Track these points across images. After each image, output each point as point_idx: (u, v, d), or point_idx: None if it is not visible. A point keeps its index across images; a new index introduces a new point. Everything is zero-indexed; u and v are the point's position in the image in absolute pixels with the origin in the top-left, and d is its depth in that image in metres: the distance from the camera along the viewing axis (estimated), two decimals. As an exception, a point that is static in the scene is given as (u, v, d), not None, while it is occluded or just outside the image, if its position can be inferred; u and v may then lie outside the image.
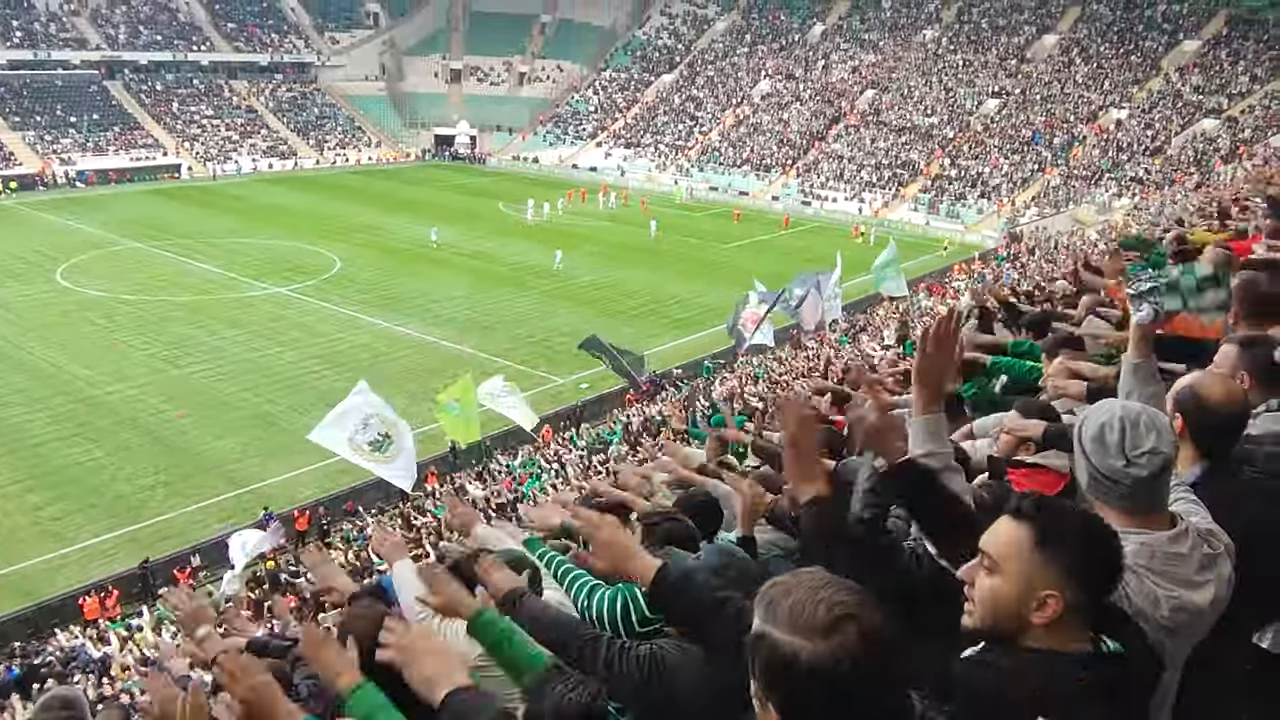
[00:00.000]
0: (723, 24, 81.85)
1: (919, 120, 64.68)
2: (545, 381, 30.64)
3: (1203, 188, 38.29)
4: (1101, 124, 58.80)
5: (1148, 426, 2.42)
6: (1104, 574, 2.01)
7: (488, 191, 62.42)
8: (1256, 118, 53.47)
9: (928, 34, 71.97)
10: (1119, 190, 51.87)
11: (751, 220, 55.78)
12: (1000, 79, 65.46)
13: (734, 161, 67.12)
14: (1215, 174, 44.97)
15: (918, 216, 56.57)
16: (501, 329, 35.88)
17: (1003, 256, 43.12)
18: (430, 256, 45.45)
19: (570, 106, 79.11)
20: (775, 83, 73.29)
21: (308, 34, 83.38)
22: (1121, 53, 63.41)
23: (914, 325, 16.86)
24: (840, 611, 1.56)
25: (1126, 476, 2.42)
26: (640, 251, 47.80)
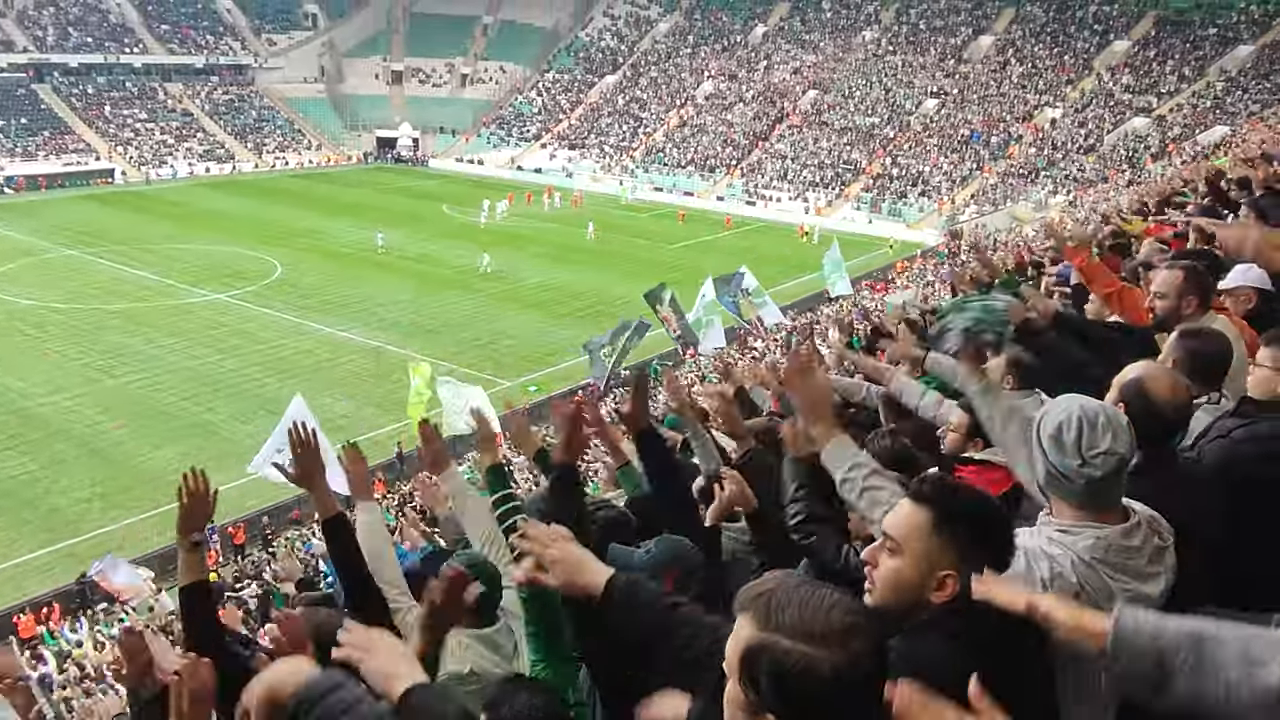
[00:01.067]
0: (665, 25, 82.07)
1: (860, 120, 65.46)
2: (492, 385, 30.40)
3: (1135, 184, 39.25)
4: (1037, 123, 60.02)
5: (1104, 427, 2.45)
6: (997, 554, 2.09)
7: (431, 194, 61.86)
8: (1184, 116, 54.97)
9: (867, 35, 72.87)
10: (1055, 188, 52.98)
11: (696, 221, 55.99)
12: (938, 79, 66.50)
13: (678, 162, 67.33)
14: (1146, 171, 46.13)
15: (860, 215, 57.26)
16: (447, 333, 35.58)
17: (943, 254, 43.80)
18: (374, 260, 44.91)
19: (514, 108, 78.75)
20: (718, 83, 73.68)
21: (244, 35, 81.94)
22: (1055, 53, 64.79)
23: (859, 324, 17.06)
24: (853, 621, 1.55)
25: (1081, 476, 2.44)
26: (587, 253, 47.73)
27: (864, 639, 1.53)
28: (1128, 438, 2.45)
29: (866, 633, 1.54)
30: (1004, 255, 19.55)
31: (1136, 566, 2.41)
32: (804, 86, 70.21)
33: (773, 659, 1.54)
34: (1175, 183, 16.87)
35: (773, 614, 1.57)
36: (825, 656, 1.51)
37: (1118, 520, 2.47)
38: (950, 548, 2.07)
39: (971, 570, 2.06)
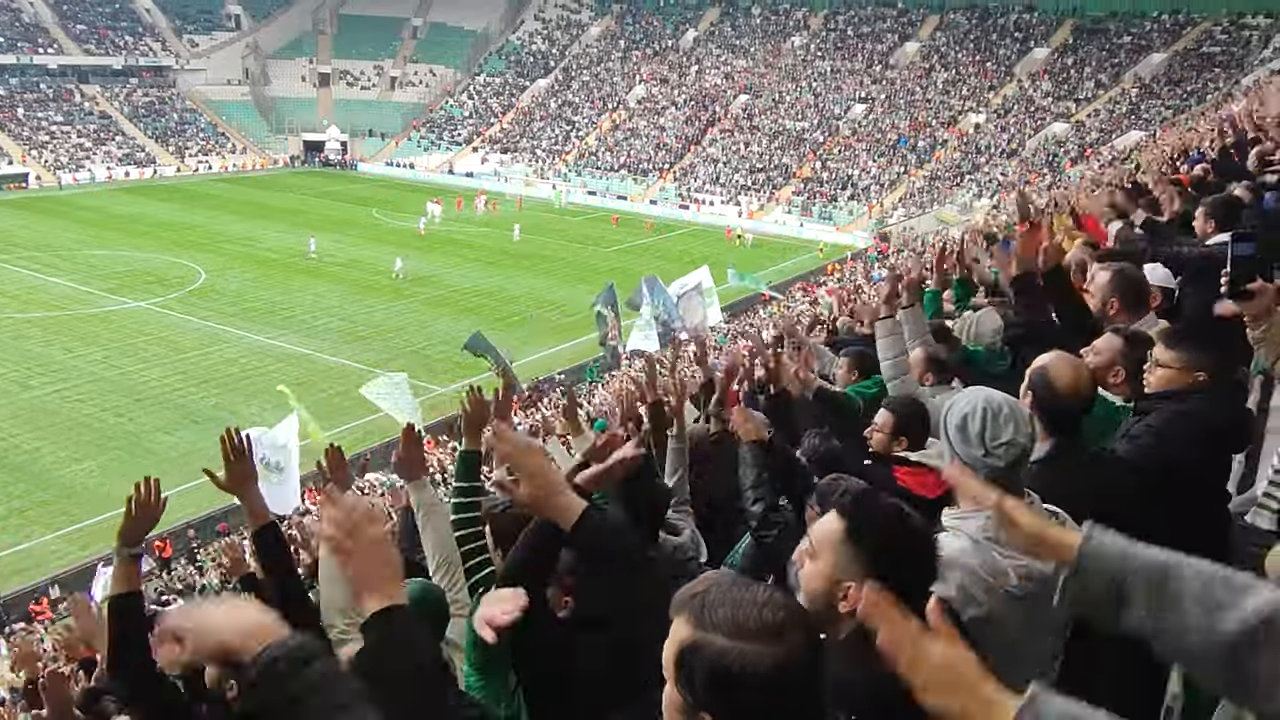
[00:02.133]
0: (596, 29, 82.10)
1: (790, 125, 66.21)
2: (425, 391, 30.06)
3: (1055, 187, 40.36)
4: (961, 128, 61.34)
5: (1007, 419, 2.54)
6: (904, 573, 2.06)
7: (361, 199, 60.91)
8: (1101, 121, 56.67)
9: (796, 41, 73.77)
10: (979, 191, 54.18)
11: (630, 224, 56.06)
12: (866, 85, 67.58)
13: (611, 166, 67.38)
14: (1065, 174, 47.47)
15: (791, 219, 57.90)
16: (379, 339, 35.10)
17: (874, 256, 44.53)
18: (302, 266, 44.09)
19: (444, 111, 78.03)
20: (650, 88, 73.93)
21: (165, 36, 79.86)
22: (978, 60, 66.30)
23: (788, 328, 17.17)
24: (785, 616, 1.54)
25: (985, 466, 2.53)
26: (520, 257, 47.48)
27: (798, 633, 1.53)
28: (1029, 429, 2.56)
29: (801, 627, 1.54)
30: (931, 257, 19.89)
31: None
32: (735, 91, 70.80)
33: (707, 658, 1.52)
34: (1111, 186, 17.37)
35: (706, 613, 1.55)
36: (760, 652, 1.50)
37: None
38: (858, 560, 2.08)
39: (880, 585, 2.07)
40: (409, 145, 74.79)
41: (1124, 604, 1.64)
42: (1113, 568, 1.66)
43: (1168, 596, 1.59)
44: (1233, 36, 58.81)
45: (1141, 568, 1.63)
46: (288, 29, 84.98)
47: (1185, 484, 3.48)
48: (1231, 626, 1.53)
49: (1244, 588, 1.57)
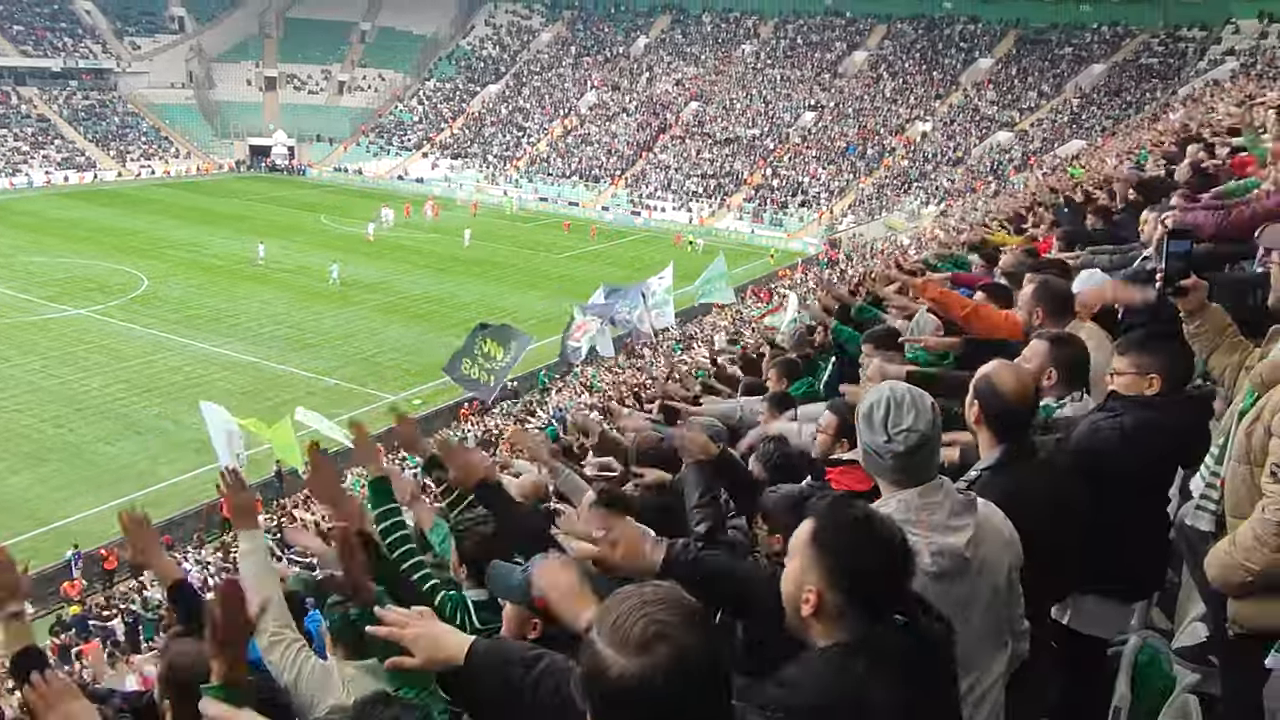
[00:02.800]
0: (547, 35, 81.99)
1: (741, 132, 66.65)
2: (374, 399, 29.72)
3: (1000, 195, 41.09)
4: (909, 136, 62.21)
5: (909, 407, 2.62)
6: (863, 581, 2.07)
7: (309, 204, 60.12)
8: (1044, 130, 57.84)
9: (746, 49, 74.32)
10: (926, 198, 54.98)
11: (581, 230, 56.00)
12: (815, 93, 68.28)
13: (563, 172, 67.30)
14: (1010, 182, 48.36)
15: (743, 225, 58.29)
16: (327, 347, 34.64)
17: (824, 262, 44.96)
18: (248, 273, 43.38)
19: (394, 116, 77.37)
20: (602, 94, 73.99)
21: (105, 38, 78.21)
22: (924, 69, 67.31)
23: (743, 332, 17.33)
24: (655, 630, 1.56)
25: (887, 452, 2.61)
26: (472, 263, 47.20)
27: (668, 648, 1.55)
28: (930, 417, 2.62)
29: (674, 642, 1.55)
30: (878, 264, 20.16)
31: (938, 520, 2.57)
32: (686, 98, 71.12)
33: (587, 659, 1.60)
34: (1035, 195, 17.71)
35: (601, 617, 1.63)
36: (620, 663, 1.55)
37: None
38: (818, 564, 2.09)
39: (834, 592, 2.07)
40: (357, 150, 74.03)
41: None
42: None
43: None
44: (1169, 48, 60.38)
45: None
46: (232, 32, 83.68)
47: (1134, 488, 3.55)
48: None
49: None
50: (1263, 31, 52.89)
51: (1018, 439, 3.20)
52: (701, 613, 1.66)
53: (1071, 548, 3.19)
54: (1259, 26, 53.60)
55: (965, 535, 2.57)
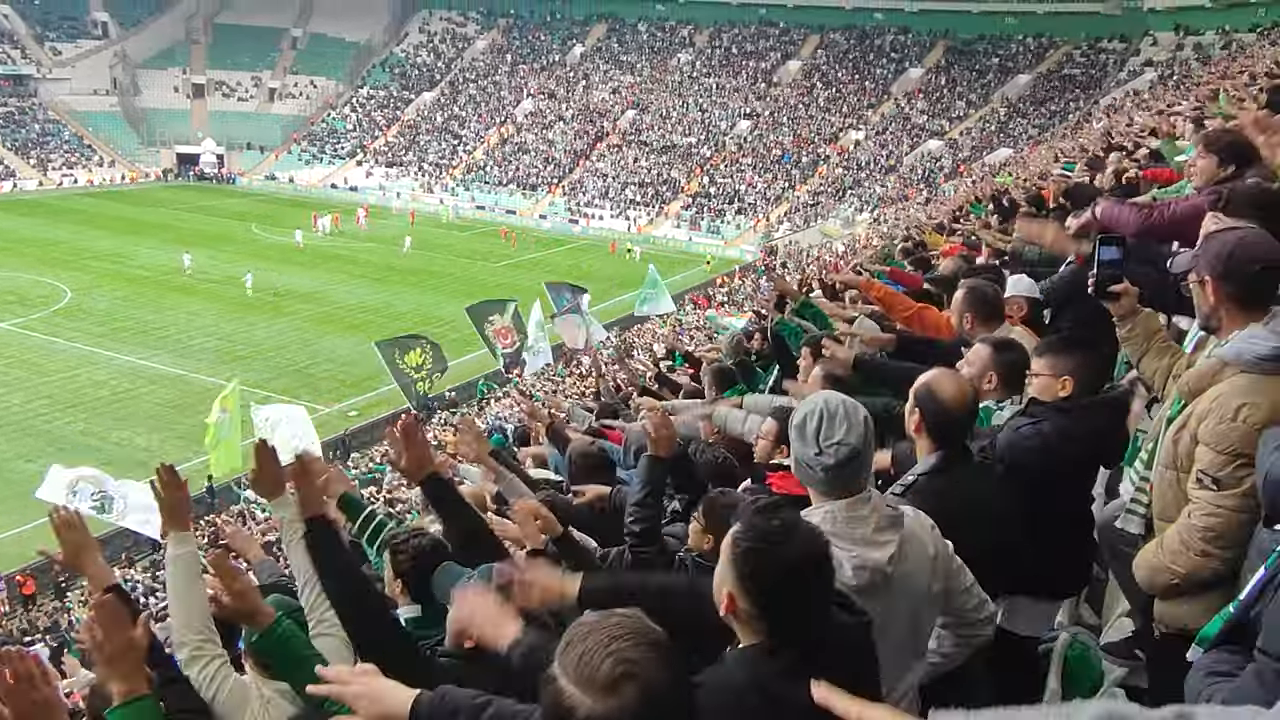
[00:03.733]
0: (483, 42, 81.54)
1: (678, 140, 66.99)
2: (311, 411, 29.14)
3: (931, 202, 41.86)
4: (842, 144, 63.10)
5: (841, 419, 2.63)
6: (773, 592, 2.08)
7: (239, 213, 58.90)
8: (973, 139, 59.12)
9: (682, 57, 74.74)
10: (860, 205, 55.80)
11: (517, 237, 55.67)
12: (751, 102, 68.91)
13: (500, 180, 66.96)
14: (941, 189, 49.30)
15: (680, 232, 58.56)
16: (259, 358, 33.96)
17: (761, 269, 45.33)
18: (176, 284, 42.36)
19: (326, 124, 76.27)
20: (538, 102, 73.79)
21: (25, 44, 75.83)
22: (856, 79, 68.35)
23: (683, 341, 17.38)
24: (624, 670, 1.54)
25: (818, 464, 2.62)
26: (408, 272, 46.71)
27: (636, 688, 1.53)
28: (861, 430, 2.64)
29: (641, 682, 1.54)
30: (815, 271, 20.38)
31: (862, 534, 2.59)
32: (623, 106, 71.27)
33: (551, 694, 1.58)
34: (968, 198, 18.08)
35: (565, 651, 1.59)
36: (587, 704, 1.53)
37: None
38: (731, 569, 2.11)
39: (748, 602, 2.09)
40: (289, 159, 72.79)
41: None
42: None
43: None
44: (1091, 60, 62.19)
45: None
46: (159, 38, 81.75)
47: (1058, 490, 3.62)
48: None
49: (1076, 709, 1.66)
50: (1179, 44, 54.73)
51: (955, 445, 3.25)
52: (667, 644, 1.65)
53: (1005, 550, 3.24)
54: (1175, 39, 55.47)
55: (888, 550, 2.59)
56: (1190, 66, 46.72)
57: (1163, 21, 57.98)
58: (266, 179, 70.46)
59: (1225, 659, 2.09)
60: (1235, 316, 2.99)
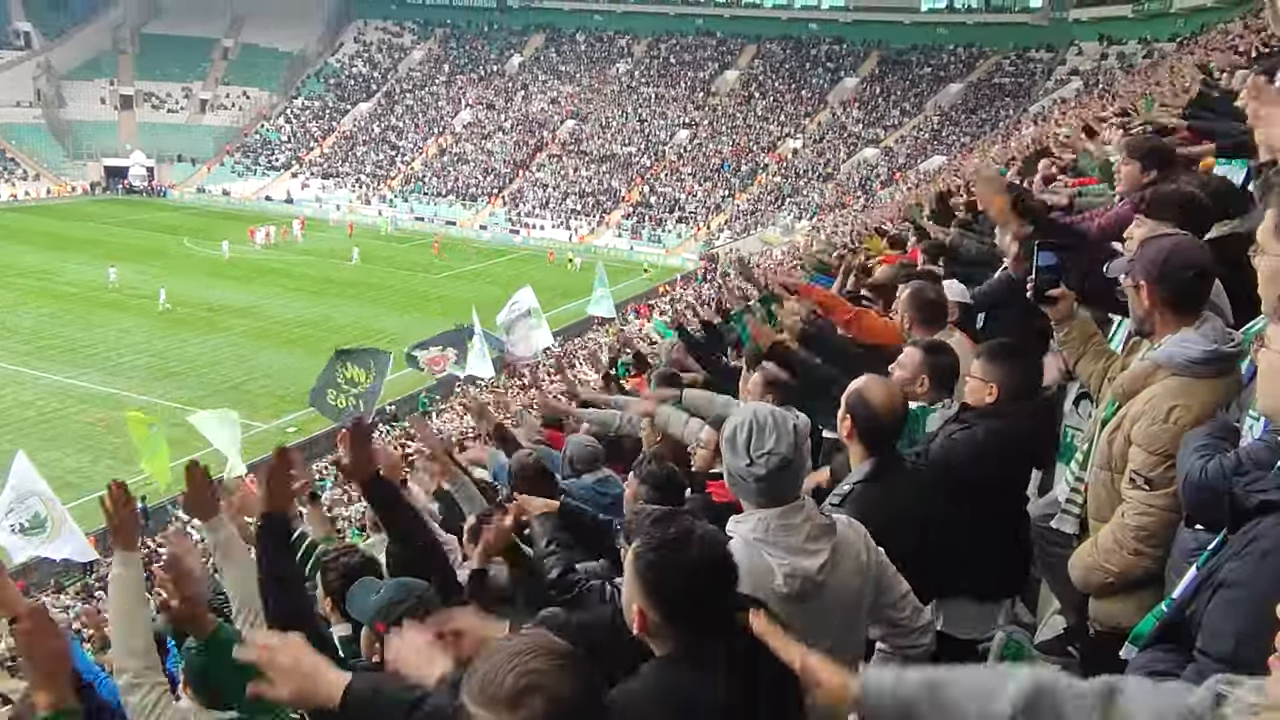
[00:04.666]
0: (419, 52, 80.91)
1: (618, 149, 67.11)
2: (247, 428, 28.52)
3: (868, 209, 42.50)
4: (780, 153, 63.75)
5: (771, 430, 2.65)
6: (678, 601, 2.11)
7: (171, 227, 57.54)
8: (908, 146, 60.12)
9: (621, 67, 74.95)
10: (799, 213, 56.38)
11: (456, 249, 55.27)
12: (690, 111, 69.32)
13: (439, 191, 66.43)
14: (877, 196, 50.06)
15: (622, 242, 58.64)
16: (194, 375, 33.19)
17: (701, 277, 45.55)
18: (106, 300, 41.24)
19: (260, 135, 75.01)
20: (477, 112, 73.41)
21: (-59, 53, 73.47)
22: (793, 88, 69.15)
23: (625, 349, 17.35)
24: (527, 682, 1.52)
25: (750, 475, 2.64)
26: (346, 285, 46.05)
27: (542, 700, 1.52)
28: (792, 439, 2.66)
29: (547, 693, 1.52)
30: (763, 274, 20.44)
31: (794, 543, 2.61)
32: (562, 116, 71.22)
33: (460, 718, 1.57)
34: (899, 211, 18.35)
35: (470, 675, 1.58)
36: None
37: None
38: (637, 583, 2.14)
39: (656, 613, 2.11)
40: (222, 171, 71.41)
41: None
42: (893, 700, 1.78)
43: (946, 703, 1.72)
44: (1020, 69, 63.68)
45: (915, 689, 1.76)
46: (84, 48, 79.68)
47: (992, 493, 3.68)
48: (1002, 707, 1.65)
49: (1005, 675, 1.73)
50: (1103, 53, 56.38)
51: (886, 451, 3.28)
52: (574, 656, 1.63)
53: (939, 554, 3.27)
54: (1100, 48, 57.13)
55: (820, 559, 2.61)
56: (1114, 75, 48.13)
57: (1087, 32, 59.70)
58: (198, 192, 69.04)
59: (1162, 658, 2.11)
60: (1169, 321, 3.05)
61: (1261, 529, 1.80)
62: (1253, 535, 1.82)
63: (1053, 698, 1.62)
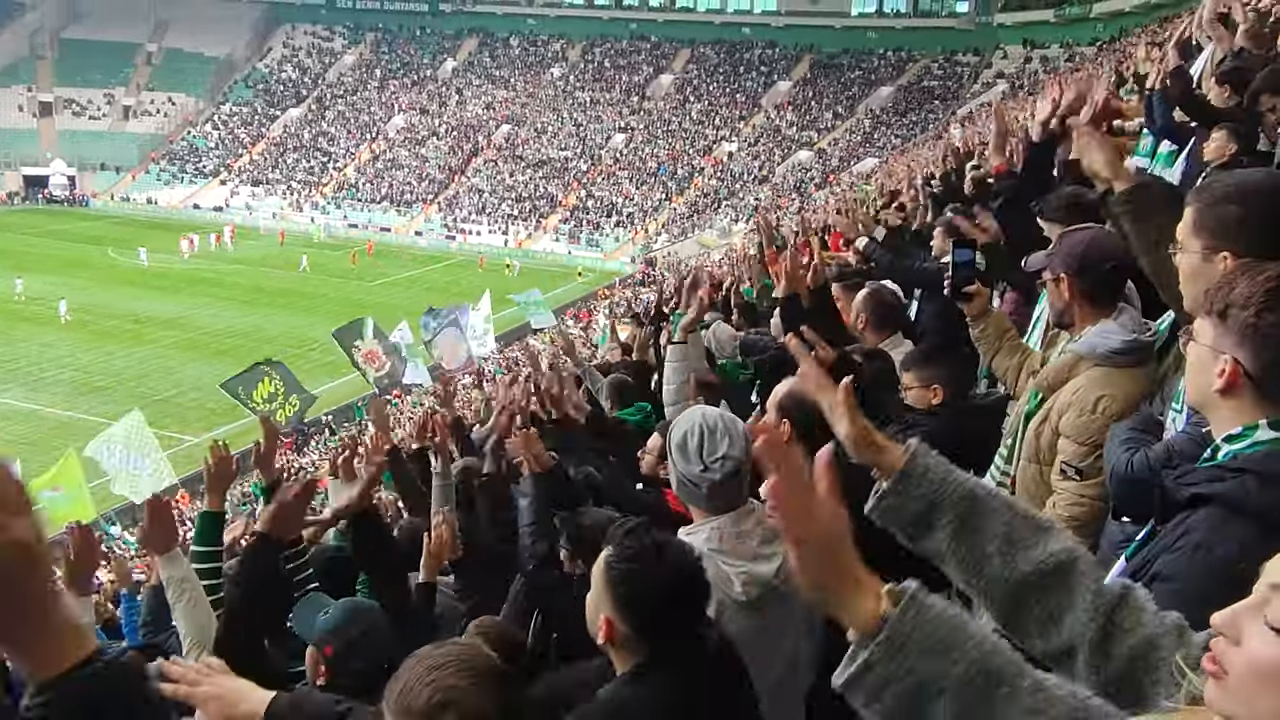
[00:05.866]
0: (350, 57, 79.84)
1: (554, 154, 66.95)
2: (177, 442, 27.87)
3: (803, 211, 42.90)
4: (716, 156, 64.17)
5: (723, 434, 2.62)
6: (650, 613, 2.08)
7: (95, 237, 55.89)
8: (841, 149, 60.94)
9: (555, 71, 74.80)
10: (736, 216, 56.78)
11: (392, 256, 54.64)
12: (625, 115, 69.44)
13: (373, 197, 65.59)
14: (812, 198, 50.61)
15: (560, 246, 58.48)
16: (120, 388, 32.27)
17: (640, 281, 45.62)
18: (28, 314, 39.93)
19: (186, 142, 73.33)
20: (410, 117, 72.67)
21: None
22: (728, 91, 69.67)
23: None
24: (441, 698, 1.50)
25: (704, 481, 2.60)
26: (278, 294, 45.20)
27: (453, 717, 1.51)
28: (743, 443, 2.62)
29: (460, 708, 1.51)
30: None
31: (748, 549, 2.59)
32: (497, 121, 70.85)
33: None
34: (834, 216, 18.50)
35: (390, 685, 1.57)
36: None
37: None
38: (608, 594, 2.10)
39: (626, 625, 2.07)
40: (147, 179, 69.66)
41: (931, 528, 1.66)
42: (932, 490, 1.66)
43: (973, 526, 1.62)
44: (948, 72, 64.98)
45: (955, 493, 1.64)
46: (0, 53, 77.15)
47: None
48: (1024, 566, 1.59)
49: (1045, 530, 1.63)
50: (1027, 57, 57.84)
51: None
52: (495, 670, 1.60)
53: (884, 549, 3.25)
54: (1024, 52, 58.62)
55: (774, 563, 2.57)
56: (1038, 78, 49.32)
57: (1012, 35, 61.17)
58: (123, 201, 67.27)
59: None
60: (1087, 313, 3.09)
61: (1192, 522, 1.80)
62: (1184, 528, 1.82)
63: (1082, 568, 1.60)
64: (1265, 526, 1.68)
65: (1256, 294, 1.71)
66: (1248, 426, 1.78)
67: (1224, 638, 1.17)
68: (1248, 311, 1.71)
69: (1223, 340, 1.76)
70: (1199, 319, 1.84)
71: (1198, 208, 2.32)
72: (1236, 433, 1.80)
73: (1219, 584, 1.70)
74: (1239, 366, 1.75)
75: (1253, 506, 1.70)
